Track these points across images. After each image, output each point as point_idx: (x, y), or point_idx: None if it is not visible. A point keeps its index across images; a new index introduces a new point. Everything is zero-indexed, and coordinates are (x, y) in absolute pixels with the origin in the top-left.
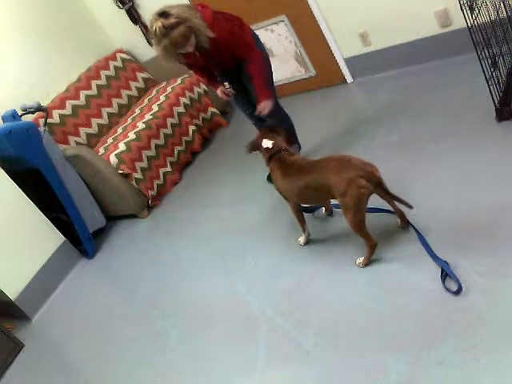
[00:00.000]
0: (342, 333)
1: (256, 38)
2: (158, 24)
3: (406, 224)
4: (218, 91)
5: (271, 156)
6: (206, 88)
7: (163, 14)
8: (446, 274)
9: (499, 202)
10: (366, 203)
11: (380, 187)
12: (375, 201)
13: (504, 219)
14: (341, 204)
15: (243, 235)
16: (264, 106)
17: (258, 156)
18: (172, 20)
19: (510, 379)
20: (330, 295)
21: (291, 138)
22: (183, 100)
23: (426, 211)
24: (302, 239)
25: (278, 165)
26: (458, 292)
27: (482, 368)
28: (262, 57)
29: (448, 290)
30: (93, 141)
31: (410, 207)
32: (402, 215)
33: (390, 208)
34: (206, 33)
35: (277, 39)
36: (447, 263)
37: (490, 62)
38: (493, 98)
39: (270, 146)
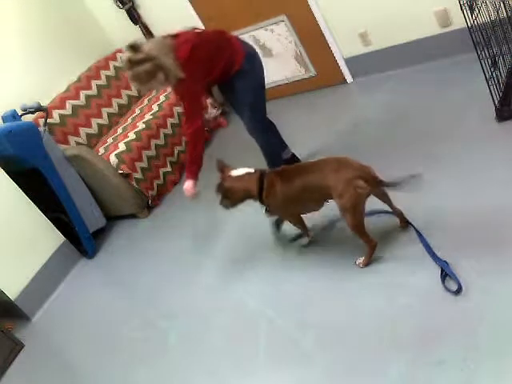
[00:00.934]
0: (342, 333)
1: (246, 47)
2: (125, 56)
3: (405, 224)
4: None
5: (261, 176)
6: None
7: (133, 48)
8: (445, 273)
9: (499, 201)
10: (363, 204)
11: (378, 188)
12: (374, 203)
13: (504, 219)
14: (339, 206)
15: (244, 235)
16: (184, 190)
17: (258, 155)
18: (139, 56)
19: (509, 379)
20: (330, 295)
21: (275, 159)
22: None
23: (425, 211)
24: (304, 240)
25: (275, 176)
26: (457, 292)
27: (482, 368)
28: (247, 75)
29: (448, 289)
30: (93, 141)
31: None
32: (401, 215)
33: (389, 209)
34: (175, 73)
35: (277, 39)
36: (447, 263)
37: (490, 62)
38: (493, 98)
39: (253, 170)
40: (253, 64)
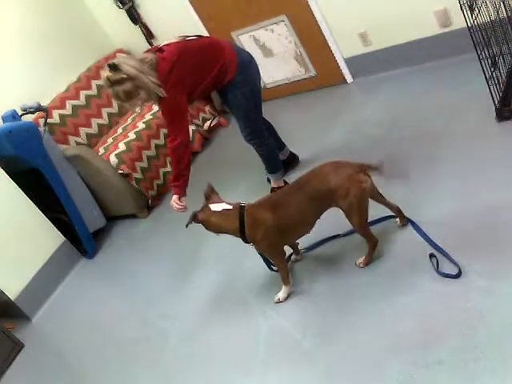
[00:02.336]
0: (342, 333)
1: (241, 56)
2: (104, 75)
3: (404, 220)
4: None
5: (241, 212)
6: None
7: (113, 67)
8: (437, 261)
9: (499, 202)
10: (368, 201)
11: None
12: (370, 208)
13: (504, 219)
14: (344, 207)
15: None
16: (171, 205)
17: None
18: (118, 76)
19: (510, 379)
20: (330, 296)
21: (273, 163)
22: None
23: (425, 211)
24: (282, 295)
25: (258, 207)
26: (457, 276)
27: (482, 368)
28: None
29: (447, 275)
30: (93, 141)
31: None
32: (398, 211)
33: (387, 210)
34: (156, 91)
35: (277, 39)
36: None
37: (489, 62)
38: (493, 98)
39: (230, 207)
40: (246, 75)
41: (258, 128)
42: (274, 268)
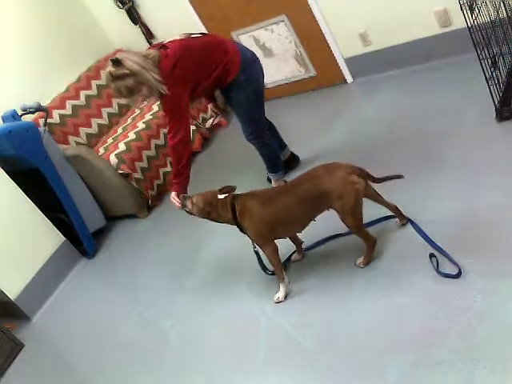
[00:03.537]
0: (342, 333)
1: (245, 56)
2: (107, 70)
3: (404, 220)
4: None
5: (233, 201)
6: None
7: (116, 62)
8: (437, 261)
9: (499, 202)
10: (361, 202)
11: (368, 182)
12: (370, 208)
13: (504, 219)
14: (339, 208)
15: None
16: (171, 200)
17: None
18: (121, 71)
19: (510, 379)
20: (330, 296)
21: (274, 163)
22: None
23: (425, 211)
24: (281, 294)
25: (251, 198)
26: (457, 276)
27: (482, 368)
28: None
29: (447, 275)
30: (93, 141)
31: (400, 177)
32: (397, 210)
33: (384, 210)
34: (158, 87)
35: (277, 39)
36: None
37: (490, 62)
38: (493, 98)
39: (223, 196)
40: (249, 74)
41: (260, 128)
42: (269, 271)
